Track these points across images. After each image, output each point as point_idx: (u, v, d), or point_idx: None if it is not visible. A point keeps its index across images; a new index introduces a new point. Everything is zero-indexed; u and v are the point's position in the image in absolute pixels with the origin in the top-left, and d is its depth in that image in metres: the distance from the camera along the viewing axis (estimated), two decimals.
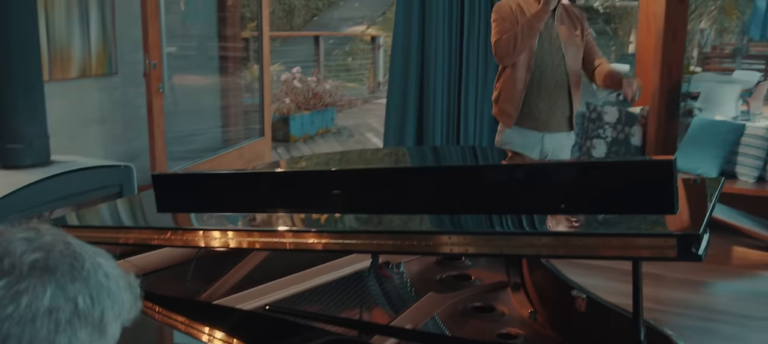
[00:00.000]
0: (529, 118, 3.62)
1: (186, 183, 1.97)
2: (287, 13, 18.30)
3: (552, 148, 3.68)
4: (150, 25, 4.93)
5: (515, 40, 3.46)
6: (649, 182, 1.33)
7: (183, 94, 6.42)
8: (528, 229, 1.38)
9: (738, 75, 9.44)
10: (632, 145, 5.17)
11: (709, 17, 7.82)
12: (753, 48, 14.14)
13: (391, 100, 5.53)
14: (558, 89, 3.59)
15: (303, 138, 8.28)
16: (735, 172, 4.86)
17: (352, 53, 16.90)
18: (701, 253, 1.20)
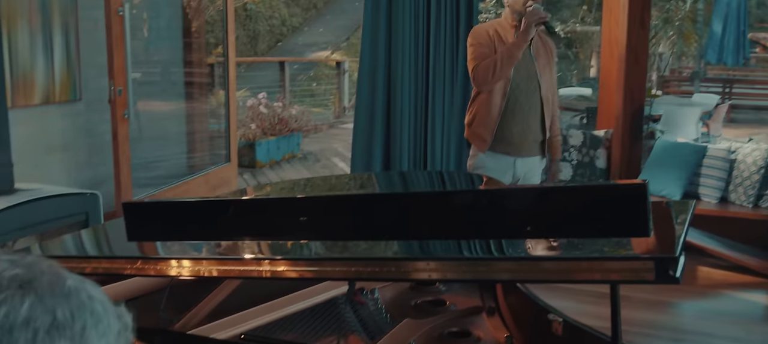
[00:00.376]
0: (502, 143, 3.65)
1: (157, 211, 1.95)
2: (251, 39, 18.28)
3: (524, 172, 3.72)
4: (115, 50, 4.89)
5: (495, 67, 3.49)
6: (623, 205, 1.35)
7: (148, 120, 6.37)
8: (506, 254, 1.39)
9: (697, 98, 9.66)
10: (597, 168, 5.24)
11: (668, 42, 8.01)
12: (710, 71, 14.48)
13: (357, 124, 5.53)
14: (532, 115, 3.64)
15: (269, 163, 8.25)
16: (698, 193, 4.95)
17: (317, 78, 16.92)
18: (678, 276, 1.21)
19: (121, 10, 4.91)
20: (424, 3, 5.29)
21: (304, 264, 1.41)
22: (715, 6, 10.98)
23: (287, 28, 19.93)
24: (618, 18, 5.12)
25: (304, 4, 21.13)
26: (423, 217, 1.40)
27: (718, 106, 8.83)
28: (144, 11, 6.35)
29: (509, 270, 1.24)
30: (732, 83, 13.54)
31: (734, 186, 4.86)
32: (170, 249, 1.90)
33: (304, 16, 20.92)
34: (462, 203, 1.44)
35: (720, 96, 12.59)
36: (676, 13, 5.94)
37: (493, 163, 3.66)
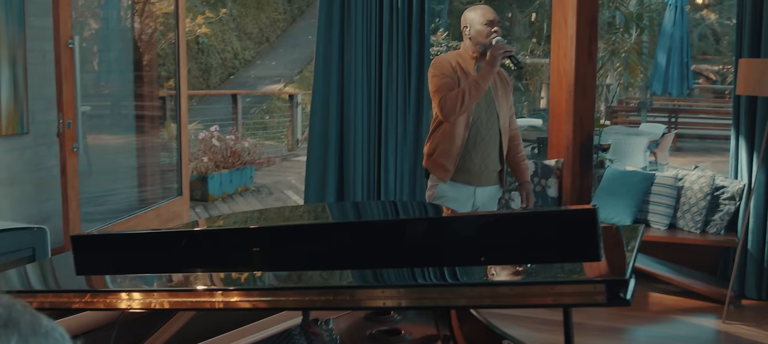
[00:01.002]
0: (463, 173, 3.70)
1: (106, 243, 1.91)
2: (204, 72, 18.18)
3: (483, 201, 3.78)
4: (64, 83, 4.81)
5: (462, 99, 3.53)
6: (574, 231, 1.37)
7: (98, 154, 6.27)
8: (460, 281, 1.39)
9: (645, 127, 9.89)
10: (549, 197, 5.30)
11: (615, 73, 8.22)
12: (657, 102, 14.86)
13: (311, 156, 5.52)
14: (491, 145, 3.71)
15: (222, 197, 8.17)
16: (647, 220, 5.04)
17: (270, 111, 16.88)
18: (629, 298, 1.23)
19: (70, 43, 4.85)
20: (376, 35, 5.34)
21: (257, 294, 1.39)
22: (660, 39, 11.30)
23: (240, 61, 19.88)
24: (566, 50, 5.23)
25: (257, 37, 21.13)
26: (376, 246, 1.40)
27: (665, 135, 9.04)
28: (95, 44, 6.27)
29: (463, 296, 1.24)
30: (677, 113, 13.91)
31: (682, 212, 4.97)
32: (120, 281, 1.86)
33: (256, 49, 20.90)
34: (414, 231, 1.45)
35: (666, 125, 12.92)
36: (622, 45, 6.09)
37: (454, 193, 3.69)
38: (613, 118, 14.10)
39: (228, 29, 19.75)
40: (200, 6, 19.09)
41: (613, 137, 7.59)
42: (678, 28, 10.84)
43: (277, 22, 21.95)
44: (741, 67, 4.26)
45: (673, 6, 10.85)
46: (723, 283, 4.74)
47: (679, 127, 13.70)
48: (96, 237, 2.08)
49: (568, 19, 5.19)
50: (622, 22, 5.74)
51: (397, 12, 5.26)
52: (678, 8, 10.80)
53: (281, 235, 1.57)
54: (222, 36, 19.32)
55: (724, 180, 4.96)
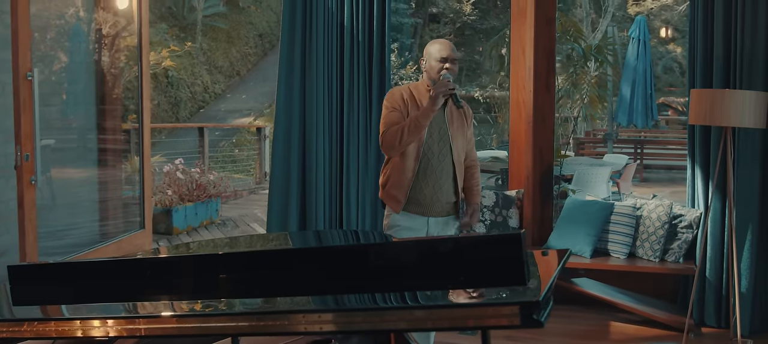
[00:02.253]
0: (414, 204, 3.69)
1: (44, 273, 1.89)
2: (173, 106, 18.13)
3: (437, 231, 3.75)
4: (23, 115, 4.77)
5: (401, 135, 3.54)
6: (499, 256, 1.38)
7: (61, 187, 6.21)
8: (386, 304, 1.39)
9: (608, 158, 10.00)
10: (510, 227, 5.33)
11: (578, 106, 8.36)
12: (624, 133, 15.08)
13: (273, 186, 5.52)
14: (443, 178, 3.70)
15: (186, 230, 8.10)
16: (607, 249, 5.08)
17: (239, 145, 16.85)
18: (543, 320, 1.24)
19: (29, 75, 4.82)
20: (338, 67, 5.38)
21: (177, 321, 1.38)
22: (624, 71, 11.49)
23: (209, 94, 19.86)
24: (524, 82, 5.30)
25: (227, 71, 21.15)
26: (305, 272, 1.40)
27: (627, 165, 9.16)
28: (62, 76, 6.25)
29: (385, 320, 1.24)
30: (643, 144, 14.10)
31: (641, 241, 5.01)
32: (56, 311, 1.84)
33: (226, 82, 20.91)
34: (344, 258, 1.45)
35: (631, 156, 13.09)
36: (582, 78, 6.22)
37: (408, 222, 3.69)
38: (581, 150, 14.27)
39: (198, 63, 19.74)
40: (169, 39, 19.08)
41: (576, 168, 7.68)
42: (641, 61, 11.03)
43: (248, 55, 22.01)
44: (693, 97, 4.34)
45: (636, 39, 11.05)
46: (683, 311, 4.78)
47: (646, 158, 13.89)
48: (32, 267, 2.05)
49: (526, 51, 5.26)
50: (579, 55, 5.86)
51: (358, 44, 5.30)
52: (641, 42, 11.01)
53: (211, 263, 1.56)
54: (192, 69, 19.30)
55: (681, 208, 5.02)
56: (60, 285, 1.88)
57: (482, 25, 23.63)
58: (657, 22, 22.36)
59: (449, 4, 24.70)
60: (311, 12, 5.36)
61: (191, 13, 20.49)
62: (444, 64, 3.62)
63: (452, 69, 3.63)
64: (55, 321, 1.60)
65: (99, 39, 6.55)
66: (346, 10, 5.31)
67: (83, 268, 1.84)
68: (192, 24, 20.39)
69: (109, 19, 6.55)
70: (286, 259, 1.54)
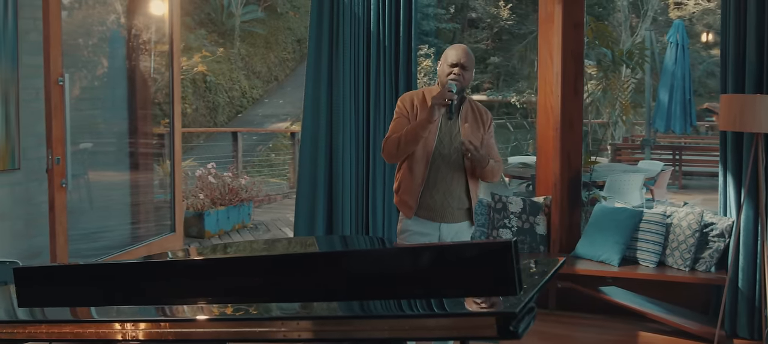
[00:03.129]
0: (425, 209, 3.65)
1: (49, 275, 1.91)
2: (211, 110, 18.33)
3: (450, 236, 3.70)
4: (54, 120, 4.87)
5: (398, 145, 3.53)
6: (491, 265, 1.35)
7: (96, 190, 6.33)
8: (367, 313, 1.38)
9: (643, 164, 9.84)
10: (538, 234, 5.27)
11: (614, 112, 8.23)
12: (662, 139, 14.83)
13: (300, 191, 5.54)
14: (454, 183, 3.64)
15: (218, 233, 8.17)
16: (636, 258, 4.98)
17: (276, 149, 16.98)
18: (520, 331, 1.21)
19: (60, 80, 4.91)
20: (364, 71, 5.38)
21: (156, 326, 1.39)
22: (662, 76, 11.31)
23: (247, 99, 20.04)
24: (552, 87, 5.23)
25: (265, 76, 21.32)
26: (289, 280, 1.39)
27: (662, 171, 8.99)
28: (99, 80, 6.39)
29: (360, 329, 1.23)
30: (682, 150, 13.83)
31: (671, 250, 4.91)
32: (59, 312, 1.86)
33: (264, 87, 21.08)
34: (333, 265, 1.44)
35: (670, 163, 12.85)
36: (614, 83, 6.12)
37: (419, 228, 3.66)
38: (618, 156, 14.06)
39: (236, 68, 19.94)
40: (208, 45, 19.32)
41: (609, 175, 7.56)
42: (679, 65, 10.86)
43: (286, 61, 22.18)
44: (723, 102, 4.25)
45: (674, 44, 10.87)
46: (714, 322, 4.66)
47: (684, 164, 13.62)
48: (37, 269, 2.08)
49: (553, 56, 5.20)
50: (609, 60, 5.77)
51: (384, 48, 5.30)
52: (679, 46, 10.83)
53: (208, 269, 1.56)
54: (230, 74, 19.50)
55: (712, 216, 4.91)
56: (66, 287, 1.89)
57: (520, 30, 23.45)
58: (699, 27, 21.98)
59: (487, 9, 24.58)
60: (338, 17, 5.37)
61: (230, 19, 20.71)
62: (452, 69, 3.56)
63: (460, 76, 3.55)
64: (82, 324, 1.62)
65: (136, 44, 6.66)
66: (372, 14, 5.32)
67: (89, 271, 1.86)
68: (230, 30, 20.61)
69: (145, 24, 6.65)
70: (261, 266, 1.54)
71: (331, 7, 5.41)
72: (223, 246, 3.25)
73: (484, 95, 22.46)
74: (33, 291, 1.89)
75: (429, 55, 19.36)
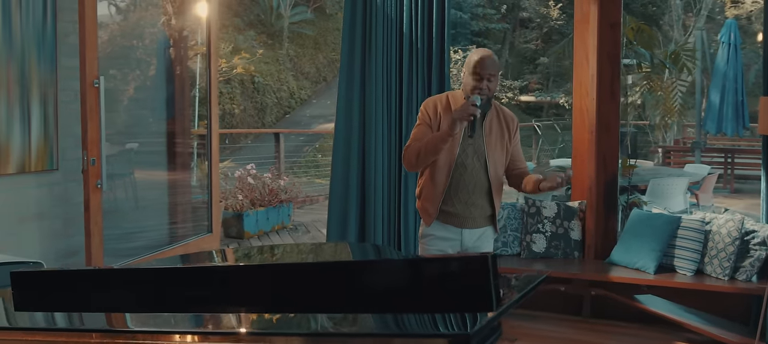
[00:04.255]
0: (447, 215, 3.59)
1: (46, 280, 1.92)
2: (259, 111, 18.50)
3: (472, 241, 3.64)
4: (90, 121, 4.94)
5: (418, 155, 3.46)
6: (466, 280, 1.30)
7: (139, 190, 6.46)
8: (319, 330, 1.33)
9: (689, 168, 9.57)
10: (572, 239, 5.16)
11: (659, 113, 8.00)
12: (714, 141, 14.42)
13: (333, 194, 5.55)
14: (477, 191, 3.56)
15: (257, 234, 8.22)
16: (673, 265, 4.83)
17: (322, 150, 17.04)
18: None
19: (96, 83, 4.98)
20: (397, 73, 5.35)
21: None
22: (713, 77, 11.00)
23: (295, 100, 20.17)
24: (587, 89, 5.11)
25: (314, 76, 21.44)
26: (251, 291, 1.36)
27: (708, 176, 8.72)
28: (151, 81, 6.53)
29: None
30: (734, 153, 13.42)
31: (709, 258, 4.75)
32: (53, 320, 1.87)
33: (313, 88, 21.20)
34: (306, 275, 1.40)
35: (721, 166, 12.49)
36: (657, 85, 5.93)
37: (441, 232, 3.61)
38: (667, 158, 13.72)
39: (284, 69, 20.09)
40: (257, 46, 19.51)
41: (651, 178, 7.36)
42: (731, 66, 10.54)
43: (334, 61, 22.27)
44: (762, 105, 4.09)
45: (726, 44, 10.56)
46: (754, 334, 4.49)
47: (737, 167, 13.21)
48: (35, 273, 2.09)
49: (589, 57, 5.08)
50: (648, 62, 5.57)
51: (417, 50, 5.25)
52: (731, 46, 10.52)
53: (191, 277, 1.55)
54: (278, 75, 19.65)
55: (754, 224, 4.73)
56: (63, 293, 1.89)
57: (569, 30, 23.08)
58: (757, 26, 21.31)
59: (537, 9, 24.29)
60: (371, 19, 5.35)
61: (279, 20, 20.88)
62: (478, 83, 3.43)
63: (487, 88, 3.44)
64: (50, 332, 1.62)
65: (182, 46, 6.76)
66: (405, 15, 5.27)
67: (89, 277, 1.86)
68: (279, 31, 20.78)
69: (191, 26, 6.76)
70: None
71: (364, 9, 5.39)
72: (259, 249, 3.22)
73: (532, 96, 22.19)
74: (31, 296, 1.90)
75: None
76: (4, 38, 4.70)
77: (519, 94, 20.30)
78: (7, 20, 4.72)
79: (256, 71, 18.37)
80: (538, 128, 15.40)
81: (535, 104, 22.58)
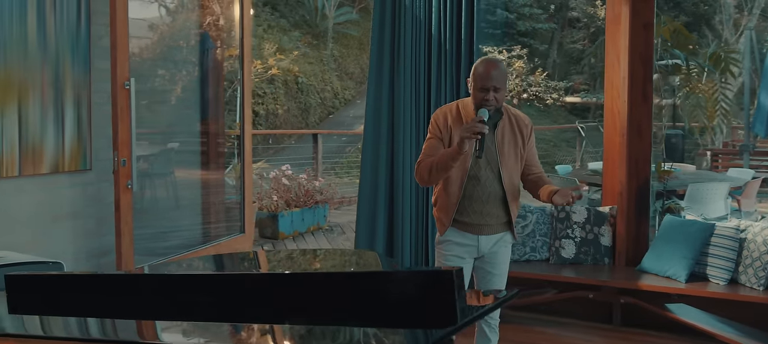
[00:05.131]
0: (462, 224, 3.54)
1: (41, 284, 1.94)
2: (303, 111, 18.61)
3: (488, 247, 3.58)
4: (120, 122, 5.01)
5: (429, 172, 3.39)
6: (430, 294, 1.27)
7: (179, 190, 6.55)
8: None
9: (732, 172, 9.29)
10: (602, 245, 5.04)
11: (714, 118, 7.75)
12: (762, 144, 14.00)
13: (362, 195, 5.53)
14: (491, 203, 3.48)
15: (292, 235, 8.25)
16: (706, 274, 4.69)
17: None
18: None
19: (127, 84, 5.05)
20: (425, 76, 5.30)
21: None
22: (762, 78, 10.68)
23: (339, 100, 20.24)
24: (619, 91, 4.99)
25: (358, 77, 21.49)
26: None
27: (751, 180, 8.44)
28: (195, 82, 6.64)
29: None
30: None
31: (744, 267, 4.59)
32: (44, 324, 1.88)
33: (357, 89, 21.24)
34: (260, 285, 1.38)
35: (760, 170, 12.11)
36: (695, 87, 5.74)
37: (458, 238, 3.56)
38: (715, 162, 13.37)
39: (328, 69, 20.17)
40: (302, 46, 19.62)
41: (689, 183, 7.14)
42: None
43: None
44: None
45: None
46: None
47: None
48: (29, 277, 2.11)
49: (620, 59, 4.96)
50: (683, 64, 5.40)
51: (446, 52, 5.20)
52: None
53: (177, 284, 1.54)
54: (322, 75, 19.74)
55: None
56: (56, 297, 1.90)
57: None
58: None
59: (584, 8, 23.93)
60: (400, 20, 5.31)
61: (323, 21, 20.98)
62: (485, 95, 3.33)
63: (494, 99, 3.34)
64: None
65: (224, 46, 6.83)
66: (433, 17, 5.22)
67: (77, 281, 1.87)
68: (324, 31, 20.88)
69: (233, 27, 6.83)
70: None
71: (393, 10, 5.36)
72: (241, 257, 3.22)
73: (577, 97, 21.87)
74: (26, 299, 1.91)
75: (521, 55, 18.99)
76: (39, 41, 4.80)
77: (564, 95, 20.03)
78: (42, 23, 4.82)
79: (300, 72, 18.47)
80: (581, 129, 15.16)
81: (581, 105, 22.24)
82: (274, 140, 16.82)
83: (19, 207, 4.73)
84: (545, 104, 19.53)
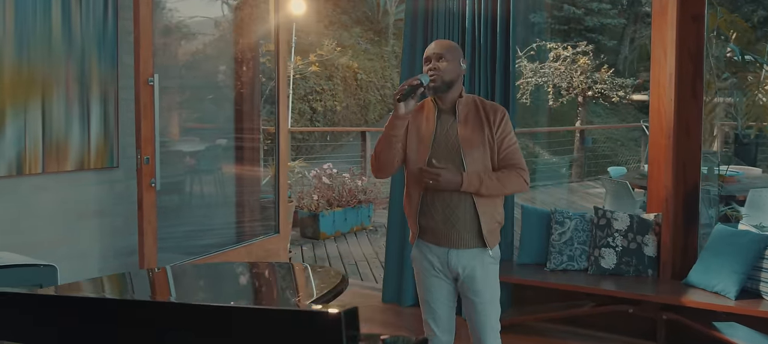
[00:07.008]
0: (427, 233, 3.15)
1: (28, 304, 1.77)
2: (362, 108, 18.47)
3: (463, 265, 3.14)
4: (144, 120, 4.92)
5: (377, 156, 3.12)
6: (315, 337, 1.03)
7: (224, 186, 6.53)
8: None
9: None
10: (645, 256, 4.66)
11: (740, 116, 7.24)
12: None
13: (393, 196, 5.39)
14: (455, 203, 3.06)
15: (334, 235, 8.07)
16: (759, 291, 4.27)
17: None
18: None
19: (150, 80, 4.95)
20: None
21: None
22: None
23: None
24: (664, 88, 4.60)
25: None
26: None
27: None
28: (237, 81, 6.62)
29: None
30: None
31: None
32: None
33: None
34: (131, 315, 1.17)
35: None
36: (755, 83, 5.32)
37: (424, 253, 3.20)
38: None
39: (389, 65, 20.00)
40: (363, 43, 19.50)
41: (751, 189, 6.62)
42: None
43: None
44: None
45: None
46: None
47: None
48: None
49: (667, 54, 4.57)
50: (738, 57, 5.00)
51: (480, 48, 4.92)
52: None
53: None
54: (382, 72, 19.57)
55: None
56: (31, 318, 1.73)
57: None
58: None
59: None
60: (433, 13, 5.07)
61: (385, 17, 20.82)
62: (426, 65, 3.12)
63: (436, 68, 3.06)
64: None
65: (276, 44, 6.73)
66: (467, 10, 4.95)
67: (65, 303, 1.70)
68: (385, 28, 20.72)
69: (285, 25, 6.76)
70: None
71: (425, 3, 5.12)
72: None
73: (645, 95, 21.08)
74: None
75: (586, 52, 18.38)
76: (64, 36, 4.74)
77: (631, 93, 19.29)
78: (67, 19, 4.75)
79: (360, 68, 18.34)
80: (645, 128, 14.52)
81: (647, 103, 21.45)
82: (332, 138, 16.74)
83: (43, 204, 4.68)
84: (612, 102, 18.86)
